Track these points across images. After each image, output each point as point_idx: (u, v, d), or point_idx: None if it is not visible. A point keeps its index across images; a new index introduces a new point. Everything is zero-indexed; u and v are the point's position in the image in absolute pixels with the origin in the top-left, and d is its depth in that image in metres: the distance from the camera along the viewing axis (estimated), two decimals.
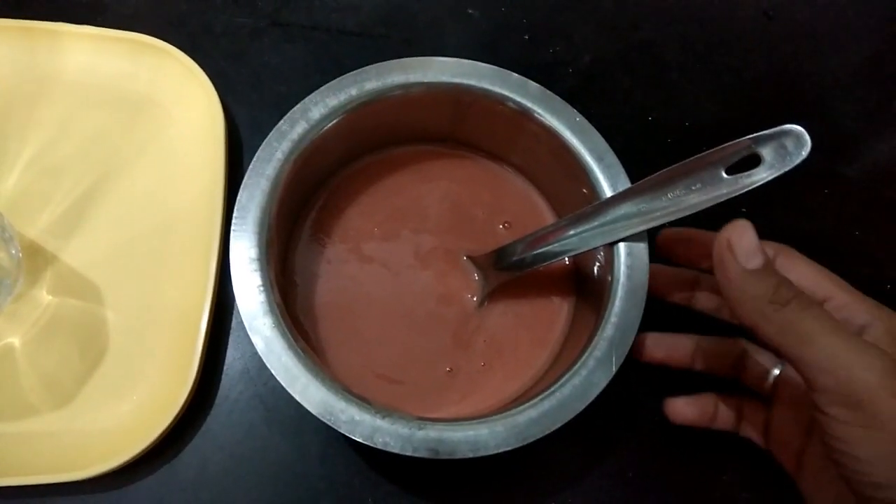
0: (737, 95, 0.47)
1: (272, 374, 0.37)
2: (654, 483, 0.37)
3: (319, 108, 0.33)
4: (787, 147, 0.27)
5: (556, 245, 0.33)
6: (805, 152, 0.27)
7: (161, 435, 0.34)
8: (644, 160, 0.36)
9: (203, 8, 0.45)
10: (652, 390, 0.39)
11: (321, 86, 0.34)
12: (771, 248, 0.30)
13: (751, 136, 0.28)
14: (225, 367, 0.38)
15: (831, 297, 0.29)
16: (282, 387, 0.37)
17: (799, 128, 0.27)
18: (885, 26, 0.50)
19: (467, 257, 0.37)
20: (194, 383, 0.35)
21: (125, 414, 0.36)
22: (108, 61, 0.41)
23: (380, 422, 0.29)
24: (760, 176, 0.27)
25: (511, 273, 0.35)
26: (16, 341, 0.37)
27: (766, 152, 0.27)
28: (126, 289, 0.38)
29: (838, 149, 0.46)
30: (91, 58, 0.41)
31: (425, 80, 0.34)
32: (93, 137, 0.41)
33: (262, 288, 0.30)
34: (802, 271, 0.29)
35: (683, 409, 0.34)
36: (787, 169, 0.27)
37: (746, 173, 0.28)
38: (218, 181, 0.38)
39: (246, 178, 0.32)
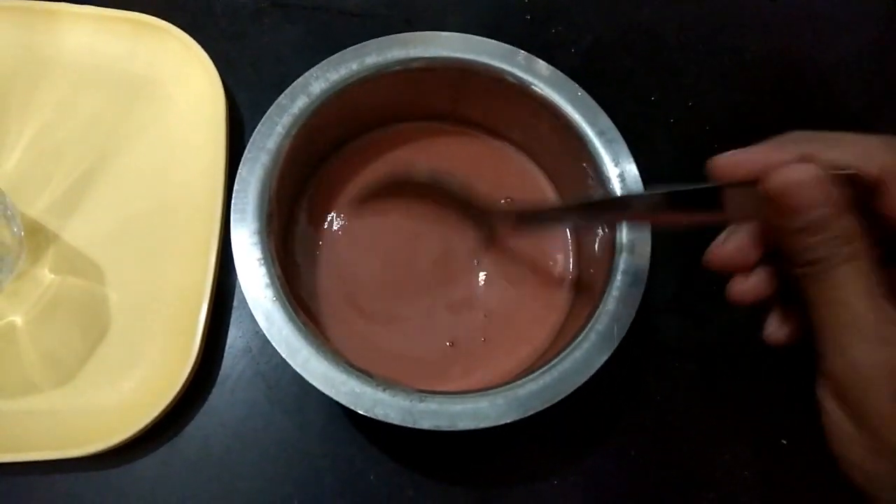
0: (738, 76, 0.47)
1: (274, 352, 0.37)
2: (655, 462, 0.37)
3: (320, 82, 0.33)
4: None
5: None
6: None
7: (162, 412, 0.34)
8: (646, 139, 0.36)
9: None
10: (654, 369, 0.39)
11: None
12: (804, 139, 0.23)
13: None
14: (227, 346, 0.38)
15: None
16: (284, 364, 0.37)
17: None
18: (887, 8, 0.50)
19: (466, 202, 0.36)
20: (196, 361, 0.35)
21: (127, 392, 0.36)
22: (108, 41, 0.41)
23: (381, 394, 0.29)
24: None
25: (530, 229, 0.35)
26: (18, 319, 0.37)
27: None
28: (128, 267, 0.38)
29: (843, 129, 0.45)
30: (92, 38, 0.41)
31: (426, 55, 0.34)
32: (93, 117, 0.40)
33: (262, 261, 0.30)
34: (849, 151, 0.23)
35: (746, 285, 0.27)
36: None
37: None
38: (219, 161, 0.38)
39: (246, 152, 0.32)
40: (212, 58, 0.40)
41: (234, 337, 0.38)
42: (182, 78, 0.40)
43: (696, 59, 0.47)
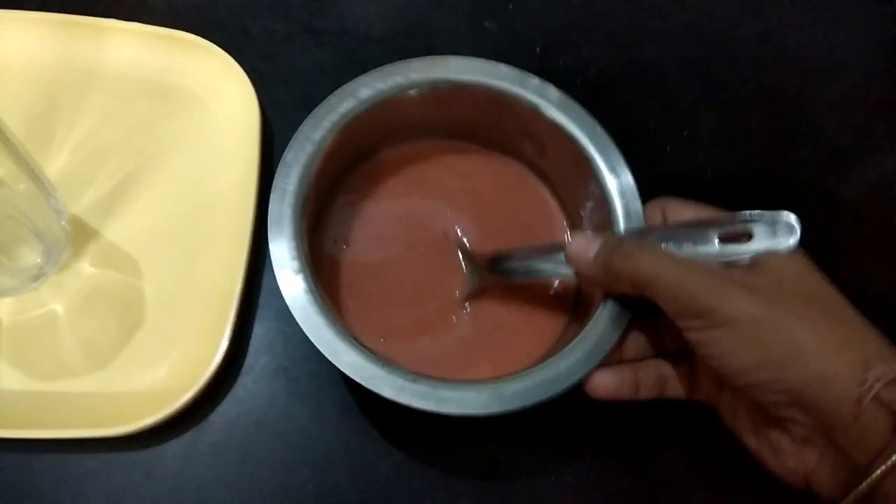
0: (731, 110, 0.50)
1: (295, 348, 0.41)
2: (655, 464, 0.40)
3: (367, 89, 0.37)
4: (778, 232, 0.30)
5: (548, 264, 0.36)
6: (794, 241, 0.29)
7: (191, 399, 0.36)
8: (644, 165, 0.39)
9: (241, 12, 0.49)
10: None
11: None
12: (658, 205, 0.36)
13: (748, 214, 0.30)
14: (252, 340, 0.40)
15: None
16: (304, 359, 0.41)
17: (791, 217, 0.30)
18: (873, 52, 0.53)
19: (463, 252, 0.40)
20: (224, 354, 0.37)
21: (158, 379, 0.38)
22: (152, 56, 0.45)
23: (379, 370, 0.31)
24: (747, 250, 0.30)
25: (502, 278, 0.38)
26: (59, 308, 0.39)
27: (758, 231, 0.30)
28: (163, 265, 0.41)
29: (826, 165, 0.49)
30: (137, 52, 0.45)
31: (462, 79, 0.38)
32: (136, 125, 0.44)
33: (293, 236, 0.34)
34: (684, 212, 0.34)
35: (605, 380, 0.34)
36: (773, 251, 0.30)
37: (735, 244, 0.31)
38: (252, 169, 0.41)
39: (293, 140, 0.36)
40: (246, 75, 0.43)
41: (260, 333, 0.41)
42: (220, 92, 0.44)
43: (692, 93, 0.50)
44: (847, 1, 0.54)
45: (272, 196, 0.34)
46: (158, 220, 0.42)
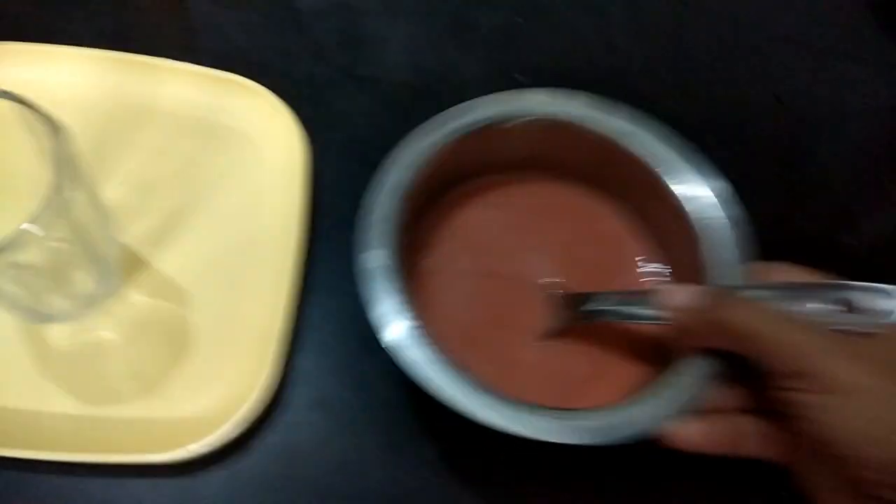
0: (748, 166, 0.53)
1: (335, 381, 0.42)
2: None
3: (474, 115, 0.39)
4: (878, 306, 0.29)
5: (640, 310, 0.35)
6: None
7: (233, 428, 0.37)
8: None
9: (285, 57, 0.51)
10: None
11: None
12: (765, 267, 0.35)
13: (880, 288, 0.30)
14: (293, 371, 0.41)
15: None
16: (343, 391, 0.42)
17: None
18: (881, 115, 0.57)
19: (549, 289, 0.40)
20: (266, 385, 0.38)
21: (202, 407, 0.39)
22: (202, 95, 0.47)
23: (436, 373, 0.32)
24: (868, 321, 0.29)
25: (588, 319, 0.37)
26: (108, 335, 0.41)
27: (883, 305, 0.29)
28: (211, 297, 0.42)
29: (837, 218, 0.51)
30: (187, 91, 0.47)
31: (580, 121, 0.40)
32: (185, 161, 0.46)
33: (387, 220, 0.35)
34: (794, 276, 0.33)
35: (685, 429, 0.31)
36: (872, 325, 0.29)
37: (852, 313, 0.29)
38: (296, 208, 0.42)
39: (398, 147, 0.38)
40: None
41: (301, 364, 0.42)
42: (267, 132, 0.46)
43: (711, 149, 0.53)
44: (854, 69, 0.58)
45: (374, 188, 0.36)
46: (205, 253, 0.43)
